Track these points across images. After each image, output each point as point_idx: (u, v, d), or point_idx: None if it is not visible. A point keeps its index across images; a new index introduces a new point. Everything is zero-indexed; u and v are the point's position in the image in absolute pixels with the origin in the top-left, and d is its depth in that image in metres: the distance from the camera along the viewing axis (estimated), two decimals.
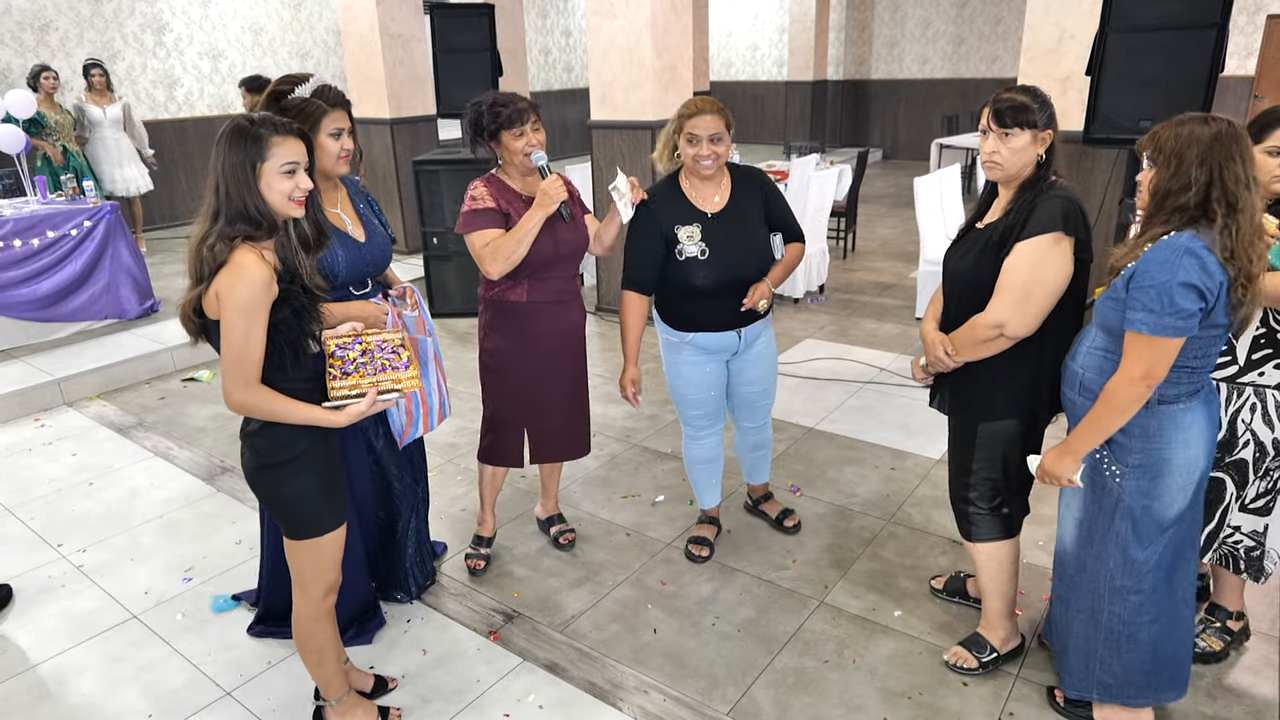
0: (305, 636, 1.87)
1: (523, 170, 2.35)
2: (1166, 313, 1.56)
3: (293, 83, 2.05)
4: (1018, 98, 1.84)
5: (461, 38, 5.36)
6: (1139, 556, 1.79)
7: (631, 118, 4.75)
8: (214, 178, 1.55)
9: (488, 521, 2.72)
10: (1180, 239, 1.57)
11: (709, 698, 2.11)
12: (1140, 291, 1.58)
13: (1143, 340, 1.60)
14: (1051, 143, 1.86)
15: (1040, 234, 1.79)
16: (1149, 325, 1.58)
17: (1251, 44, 9.42)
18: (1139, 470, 1.73)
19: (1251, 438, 1.98)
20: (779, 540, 2.79)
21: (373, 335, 1.83)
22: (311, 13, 9.06)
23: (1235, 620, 2.19)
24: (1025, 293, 1.80)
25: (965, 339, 1.92)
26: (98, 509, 3.11)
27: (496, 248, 2.26)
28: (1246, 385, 1.95)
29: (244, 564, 2.72)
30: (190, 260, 1.58)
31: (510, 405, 2.50)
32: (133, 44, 7.62)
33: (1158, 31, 2.89)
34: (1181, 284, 1.54)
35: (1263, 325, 1.92)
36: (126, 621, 2.45)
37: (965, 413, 2.03)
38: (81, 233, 4.75)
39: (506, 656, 2.27)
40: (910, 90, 12.13)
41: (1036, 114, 1.83)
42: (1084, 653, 1.91)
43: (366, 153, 6.40)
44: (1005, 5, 11.06)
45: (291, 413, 1.62)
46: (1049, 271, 1.80)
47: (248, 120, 1.57)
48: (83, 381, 4.19)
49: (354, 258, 2.09)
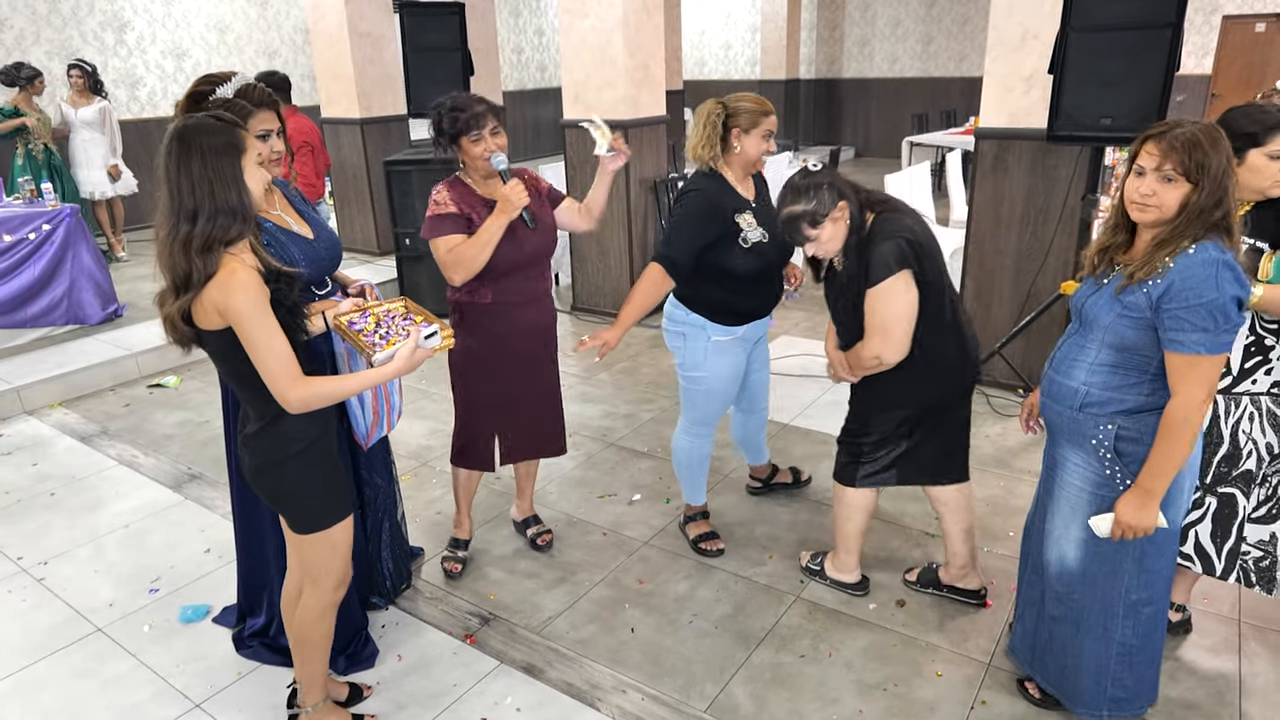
0: (306, 631, 1.85)
1: (484, 174, 2.32)
2: (1223, 329, 1.53)
3: (213, 82, 1.98)
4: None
5: (432, 36, 5.30)
6: (1156, 566, 1.77)
7: (605, 117, 4.73)
8: (189, 179, 1.50)
9: (464, 524, 2.70)
10: (1210, 251, 1.53)
11: (687, 695, 2.11)
12: (1188, 312, 1.52)
13: (1205, 362, 1.54)
14: (846, 215, 2.03)
15: (880, 280, 2.00)
16: (1207, 345, 1.53)
17: (1209, 43, 9.66)
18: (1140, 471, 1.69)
19: (1254, 447, 1.99)
20: (755, 537, 2.80)
21: (376, 307, 1.87)
22: (279, 10, 8.92)
23: (1175, 611, 2.23)
24: (886, 329, 2.04)
25: (856, 363, 2.16)
26: (60, 520, 3.03)
27: (459, 255, 2.24)
28: (1242, 395, 1.97)
29: (213, 573, 2.67)
30: (165, 262, 1.53)
31: (481, 408, 2.48)
32: (92, 42, 7.44)
33: (1117, 31, 2.94)
34: (1232, 298, 1.52)
35: (1251, 333, 1.93)
36: (90, 635, 2.40)
37: (862, 403, 2.28)
38: (40, 236, 4.63)
39: (483, 659, 2.25)
40: (881, 89, 12.25)
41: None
42: (1095, 672, 1.86)
43: (335, 153, 6.32)
44: (972, 4, 11.22)
45: (347, 388, 1.64)
46: (898, 307, 2.03)
47: (213, 118, 1.55)
48: (43, 389, 4.08)
49: (310, 255, 2.06)
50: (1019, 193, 3.57)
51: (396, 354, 1.65)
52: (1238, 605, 2.37)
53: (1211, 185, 1.53)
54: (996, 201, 3.63)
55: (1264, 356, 1.94)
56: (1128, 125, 2.99)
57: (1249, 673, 2.13)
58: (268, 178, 1.62)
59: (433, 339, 1.70)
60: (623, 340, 4.65)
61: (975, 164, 3.68)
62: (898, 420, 2.22)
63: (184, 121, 1.54)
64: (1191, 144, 1.53)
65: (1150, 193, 1.57)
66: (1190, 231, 1.55)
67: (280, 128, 2.04)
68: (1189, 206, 1.55)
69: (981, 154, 3.63)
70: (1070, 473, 1.79)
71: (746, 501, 3.03)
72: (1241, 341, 1.94)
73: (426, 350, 1.69)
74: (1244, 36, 9.52)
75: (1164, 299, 1.55)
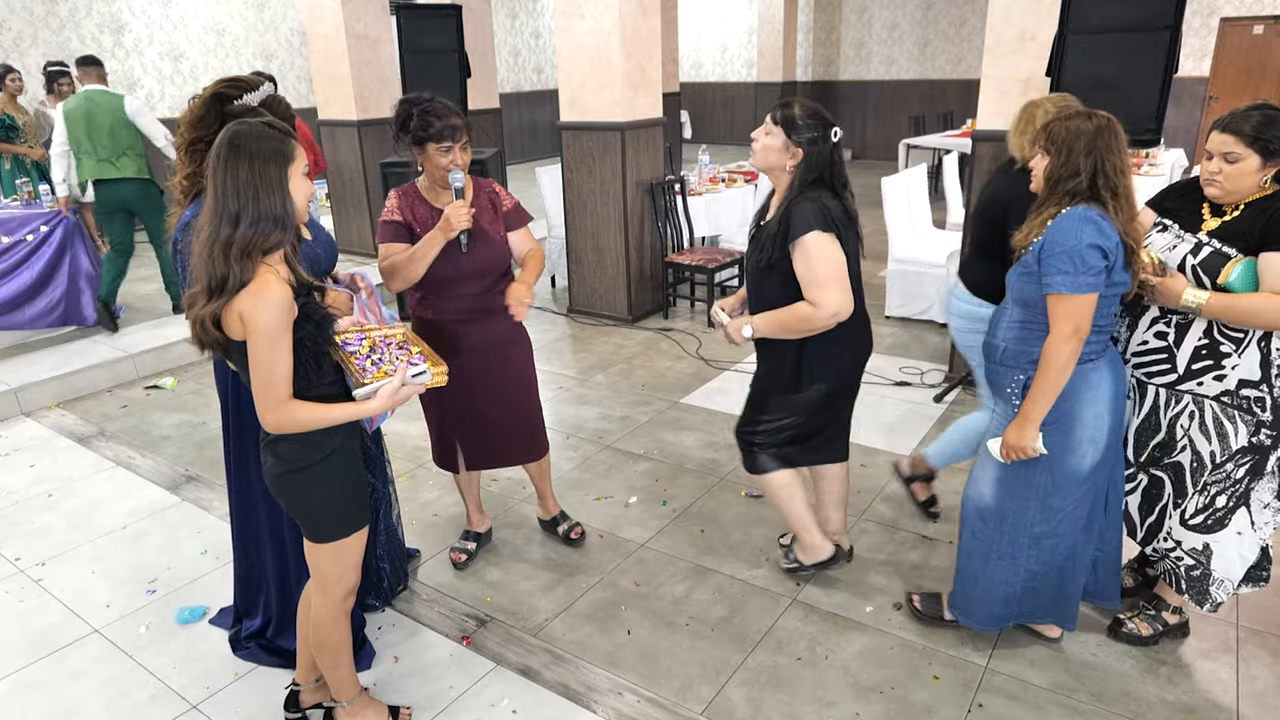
0: (324, 638, 1.86)
1: (440, 184, 2.32)
2: (1080, 271, 1.78)
3: (240, 88, 1.98)
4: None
5: (429, 39, 5.31)
6: (1057, 504, 2.00)
7: (601, 119, 4.74)
8: (234, 182, 1.51)
9: (472, 518, 2.72)
10: (1077, 210, 1.81)
11: (683, 698, 2.11)
12: (1054, 259, 1.80)
13: (1066, 300, 1.80)
14: (801, 159, 2.09)
15: (804, 233, 2.04)
16: (1068, 285, 1.79)
17: (1206, 46, 9.68)
18: (1054, 427, 1.92)
19: (1189, 445, 2.03)
20: (752, 539, 2.81)
21: (374, 330, 1.84)
22: (276, 13, 8.93)
23: (1172, 614, 2.23)
24: (828, 281, 2.06)
25: (791, 324, 2.12)
26: (57, 521, 3.03)
27: (393, 265, 2.25)
28: (1185, 393, 2.00)
29: (210, 574, 2.67)
30: (203, 264, 1.53)
31: (440, 415, 2.51)
32: (90, 44, 7.44)
33: (1114, 33, 2.94)
34: (1088, 245, 1.77)
35: (1205, 336, 1.95)
36: (88, 636, 2.39)
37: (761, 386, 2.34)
38: (38, 238, 4.63)
39: (480, 662, 2.25)
40: (878, 91, 12.27)
41: None
42: (1004, 599, 2.13)
43: (332, 155, 6.32)
44: (969, 7, 11.24)
45: (328, 417, 1.62)
46: (831, 256, 2.06)
47: (266, 124, 1.58)
48: (41, 390, 4.08)
49: (310, 256, 2.06)
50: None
51: (380, 391, 1.63)
52: (1235, 609, 2.37)
53: (1063, 156, 1.83)
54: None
55: (1216, 362, 1.95)
56: (1126, 127, 2.98)
57: (1246, 676, 2.13)
58: (312, 190, 1.64)
59: (421, 377, 1.67)
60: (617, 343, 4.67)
61: (972, 166, 3.68)
62: (815, 398, 2.26)
63: (237, 126, 1.55)
64: (1051, 122, 1.86)
65: (1033, 164, 1.93)
66: (1055, 198, 1.85)
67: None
68: (1048, 174, 1.86)
69: (979, 156, 3.63)
70: (995, 422, 2.05)
71: (741, 504, 3.03)
72: (1192, 342, 1.97)
73: (414, 387, 1.67)
74: (1242, 39, 9.54)
75: (1042, 252, 1.83)
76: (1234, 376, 1.93)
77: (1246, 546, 2.07)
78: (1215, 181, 1.90)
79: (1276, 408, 1.94)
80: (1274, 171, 1.87)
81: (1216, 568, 2.08)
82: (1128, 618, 2.25)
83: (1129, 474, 2.16)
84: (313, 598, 1.84)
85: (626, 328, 4.99)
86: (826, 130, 2.10)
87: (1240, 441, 1.97)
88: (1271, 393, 1.93)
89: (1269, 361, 1.92)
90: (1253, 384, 1.93)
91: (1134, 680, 2.12)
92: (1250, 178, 1.86)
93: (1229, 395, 1.95)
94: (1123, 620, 2.25)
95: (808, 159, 2.09)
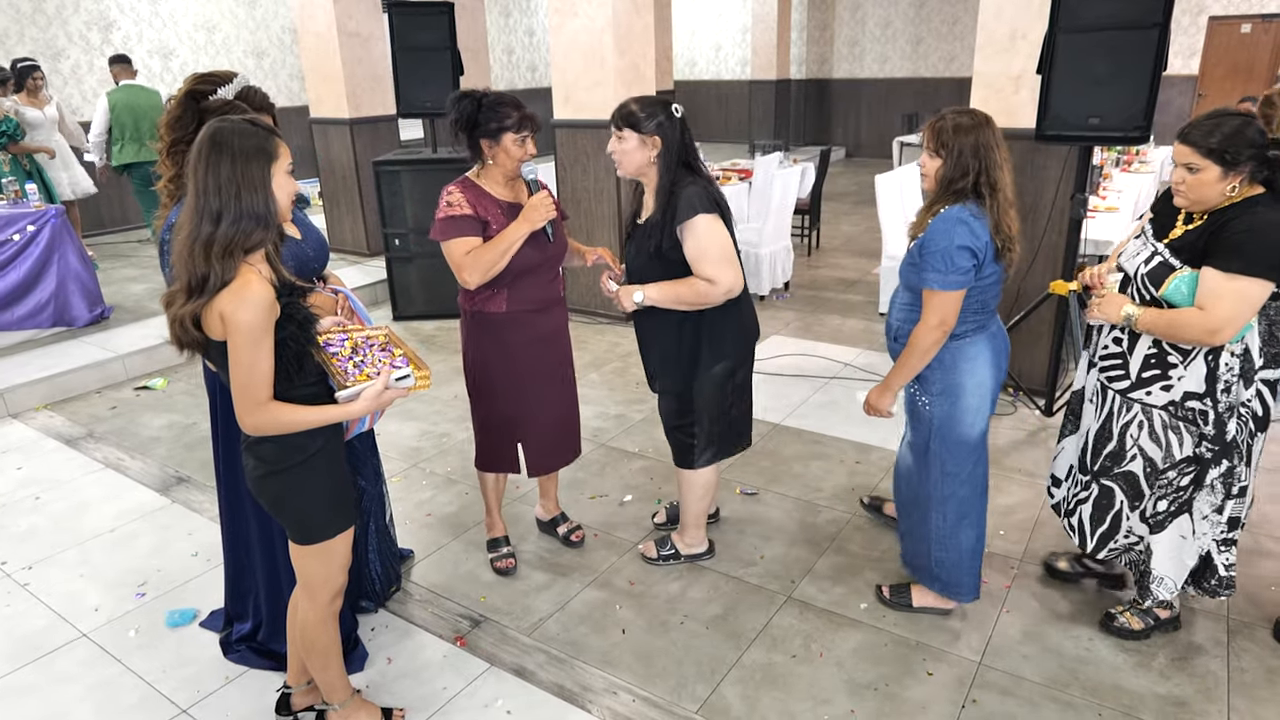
0: (312, 641, 1.84)
1: (509, 176, 2.30)
2: (950, 271, 1.94)
3: (213, 82, 1.96)
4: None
5: (421, 36, 5.28)
6: (951, 469, 2.18)
7: (595, 116, 4.73)
8: (216, 180, 1.48)
9: (497, 524, 2.70)
10: (953, 211, 1.95)
11: (678, 696, 2.11)
12: (930, 256, 1.96)
13: (936, 295, 1.97)
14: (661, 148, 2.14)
15: (690, 217, 2.11)
16: (939, 282, 1.96)
17: (1195, 44, 9.73)
18: (941, 397, 2.11)
19: (1139, 453, 2.06)
20: (746, 537, 2.80)
21: (356, 331, 1.81)
22: (266, 10, 8.87)
23: (1162, 608, 2.24)
24: (721, 259, 2.14)
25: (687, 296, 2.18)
26: (45, 523, 3.00)
27: (477, 258, 2.21)
28: (1135, 401, 2.03)
29: (201, 577, 2.65)
30: (185, 263, 1.51)
31: (500, 416, 2.46)
32: (78, 41, 7.38)
33: (1104, 31, 2.95)
34: (959, 247, 1.92)
35: (1154, 346, 1.97)
36: (76, 640, 2.37)
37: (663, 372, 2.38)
38: (25, 237, 4.58)
39: (474, 662, 2.24)
40: (871, 89, 12.28)
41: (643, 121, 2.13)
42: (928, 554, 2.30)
43: (325, 153, 6.28)
44: (961, 5, 11.26)
45: (308, 419, 1.59)
46: (719, 238, 2.15)
47: (250, 122, 1.54)
48: (29, 392, 4.04)
49: (299, 255, 2.04)
50: None
51: (363, 394, 1.60)
52: (1225, 602, 2.38)
53: (953, 159, 1.95)
54: None
55: (1163, 372, 1.97)
56: (1116, 125, 3.00)
57: (1236, 668, 2.14)
58: (296, 188, 1.61)
59: (405, 380, 1.64)
60: (611, 341, 4.67)
61: None
62: (720, 380, 2.34)
63: (219, 124, 1.52)
64: (940, 127, 1.98)
65: (923, 164, 2.04)
66: (944, 197, 1.99)
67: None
68: (940, 176, 1.99)
69: None
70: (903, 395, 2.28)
71: (736, 501, 3.03)
72: (1143, 351, 1.99)
73: (397, 391, 1.64)
74: (1230, 37, 9.59)
75: (921, 248, 1.99)
76: (1180, 388, 1.95)
77: (1186, 552, 2.11)
78: (1180, 191, 1.90)
79: (1219, 422, 1.95)
80: (1238, 180, 1.83)
81: (1155, 565, 2.12)
82: (1119, 612, 2.26)
83: (1084, 482, 2.22)
84: (299, 601, 1.82)
85: (621, 325, 4.98)
86: (667, 110, 2.16)
87: (1185, 451, 2.00)
88: (1215, 406, 1.94)
89: (1215, 375, 1.93)
90: (1197, 396, 1.95)
91: (1126, 674, 2.13)
92: (1213, 187, 1.84)
93: (1175, 406, 1.97)
94: (1114, 615, 2.26)
95: (665, 143, 2.15)
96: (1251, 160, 1.80)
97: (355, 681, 2.16)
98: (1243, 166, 1.80)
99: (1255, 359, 1.96)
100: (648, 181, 2.25)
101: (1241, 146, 1.79)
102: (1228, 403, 1.94)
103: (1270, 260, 1.78)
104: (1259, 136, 1.80)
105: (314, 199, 8.33)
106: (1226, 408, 1.95)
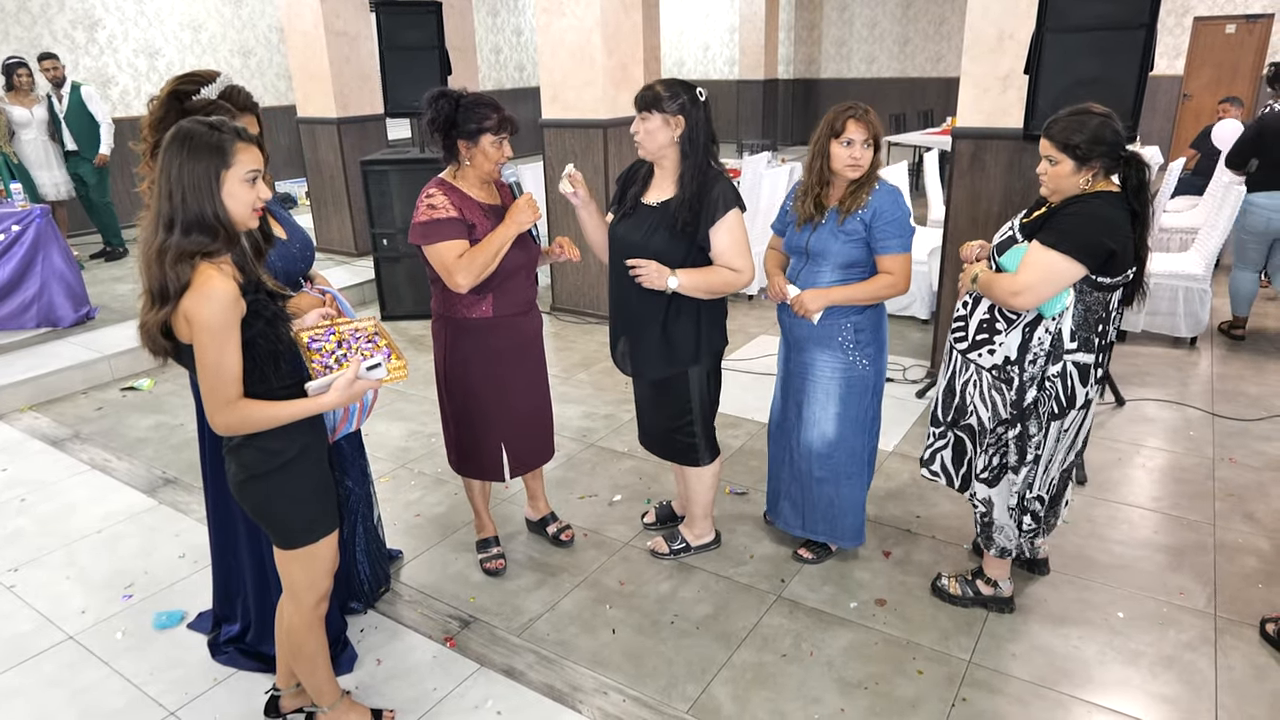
0: (298, 646, 1.83)
1: (486, 178, 2.28)
2: (909, 234, 2.26)
3: (196, 82, 1.93)
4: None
5: (409, 35, 5.26)
6: (873, 417, 2.46)
7: (583, 116, 4.73)
8: (167, 183, 1.45)
9: (486, 524, 2.69)
10: (887, 186, 2.26)
11: (668, 696, 2.11)
12: (890, 226, 2.22)
13: (904, 256, 2.26)
14: (685, 129, 2.19)
15: (728, 211, 2.22)
16: (904, 246, 2.25)
17: (1180, 45, 9.82)
18: (870, 351, 2.37)
19: (975, 409, 2.22)
20: (736, 536, 2.81)
21: (344, 325, 1.79)
22: (253, 9, 8.81)
23: (987, 585, 2.37)
24: (745, 251, 2.27)
25: (717, 285, 2.26)
26: (30, 526, 2.97)
27: (471, 260, 2.17)
28: (971, 362, 2.19)
29: (188, 578, 2.63)
30: (145, 272, 1.48)
31: (483, 421, 2.44)
32: (63, 40, 7.31)
33: (1091, 32, 2.97)
34: (907, 214, 2.26)
35: (987, 312, 2.14)
36: (62, 643, 2.35)
37: (673, 365, 2.39)
38: (9, 237, 4.54)
39: (463, 663, 2.23)
40: (859, 89, 12.33)
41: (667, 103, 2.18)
42: (855, 509, 2.51)
43: (312, 153, 6.25)
44: (948, 5, 11.32)
45: (279, 415, 1.55)
46: (744, 235, 2.28)
47: (206, 124, 1.48)
48: (13, 393, 4.00)
49: (285, 255, 2.02)
50: (996, 191, 3.60)
51: (333, 385, 1.57)
52: (1213, 600, 2.41)
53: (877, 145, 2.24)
54: (974, 200, 3.66)
55: (990, 337, 2.14)
56: None
57: (1224, 665, 2.16)
58: (256, 198, 1.53)
59: (376, 370, 1.59)
60: (600, 340, 4.63)
61: (952, 163, 3.70)
62: (710, 369, 2.42)
63: (180, 123, 1.49)
64: (875, 121, 2.22)
65: (860, 156, 2.21)
66: (873, 177, 2.26)
67: (260, 129, 2.00)
68: (875, 162, 2.25)
69: (958, 153, 3.65)
70: (820, 370, 2.41)
71: (725, 501, 3.04)
72: (979, 315, 2.17)
73: (369, 381, 1.60)
74: (1214, 38, 9.69)
75: (874, 221, 2.23)
76: (1000, 353, 2.13)
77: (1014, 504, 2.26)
78: (1042, 181, 2.07)
79: (1020, 389, 2.11)
80: (1091, 174, 1.99)
81: (997, 517, 2.27)
82: (948, 576, 2.45)
83: (939, 432, 2.37)
84: (285, 606, 1.81)
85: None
86: (691, 92, 2.20)
87: (1004, 413, 2.17)
88: (1021, 375, 2.10)
89: (1027, 346, 2.08)
90: (1011, 363, 2.11)
91: (1114, 672, 2.14)
92: (1068, 179, 2.00)
93: (997, 370, 2.14)
94: (940, 575, 2.47)
95: (690, 123, 2.18)
96: (1103, 157, 1.96)
97: (344, 683, 2.15)
98: (1095, 162, 1.97)
99: (1066, 340, 2.06)
100: (665, 163, 2.26)
101: (1095, 144, 1.95)
102: (1032, 374, 2.10)
103: (1082, 242, 1.95)
104: (1113, 136, 1.95)
105: (301, 199, 8.29)
106: (1030, 378, 2.10)
